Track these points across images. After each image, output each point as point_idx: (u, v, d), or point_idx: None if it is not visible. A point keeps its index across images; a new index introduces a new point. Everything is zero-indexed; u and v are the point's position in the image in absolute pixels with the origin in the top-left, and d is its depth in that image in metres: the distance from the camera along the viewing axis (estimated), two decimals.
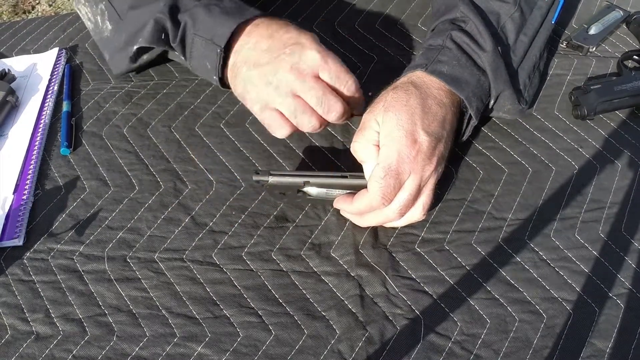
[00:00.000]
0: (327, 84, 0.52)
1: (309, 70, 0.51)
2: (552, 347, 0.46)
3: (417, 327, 0.47)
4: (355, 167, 0.52)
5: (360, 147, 0.50)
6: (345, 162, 0.58)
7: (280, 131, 0.53)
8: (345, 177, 0.52)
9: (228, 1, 0.58)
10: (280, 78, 0.51)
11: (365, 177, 0.50)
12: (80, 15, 0.67)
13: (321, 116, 0.52)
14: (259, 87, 0.53)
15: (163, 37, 0.58)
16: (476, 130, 0.59)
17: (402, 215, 0.50)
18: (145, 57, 0.63)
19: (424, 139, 0.48)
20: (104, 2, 0.62)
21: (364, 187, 0.49)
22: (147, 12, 0.58)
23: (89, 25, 0.66)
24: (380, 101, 0.50)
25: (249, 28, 0.56)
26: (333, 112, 0.51)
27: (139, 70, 0.67)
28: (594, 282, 0.49)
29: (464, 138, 0.56)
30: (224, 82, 0.59)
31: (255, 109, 0.54)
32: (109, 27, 0.62)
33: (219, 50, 0.55)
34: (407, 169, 0.47)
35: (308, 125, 0.52)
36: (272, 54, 0.52)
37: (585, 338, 0.46)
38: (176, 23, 0.57)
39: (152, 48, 0.62)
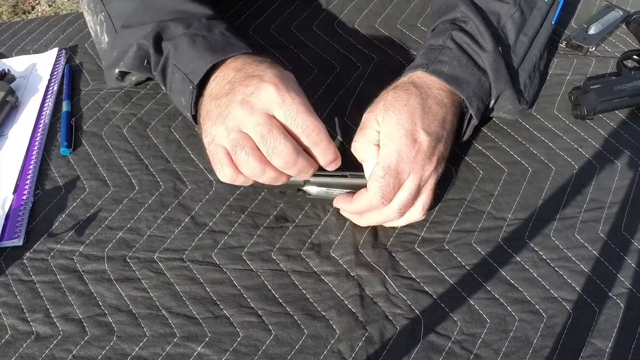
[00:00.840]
0: (282, 125, 0.46)
1: (260, 106, 0.45)
2: (552, 347, 0.46)
3: (417, 326, 0.47)
4: (355, 167, 0.52)
5: (360, 147, 0.50)
6: (345, 162, 0.58)
7: (221, 172, 0.48)
8: (345, 176, 0.52)
9: (219, 33, 0.55)
10: (230, 111, 0.46)
11: (365, 176, 0.50)
12: (86, 21, 0.66)
13: (264, 158, 0.46)
14: (212, 119, 0.48)
15: (145, 63, 0.55)
16: (476, 130, 0.59)
17: (402, 215, 0.50)
18: (133, 79, 0.62)
19: (424, 139, 0.48)
20: (103, 13, 0.59)
21: (364, 186, 0.49)
22: (135, 34, 0.55)
23: (91, 32, 0.64)
24: (380, 100, 0.50)
25: (226, 62, 0.52)
26: (277, 155, 0.45)
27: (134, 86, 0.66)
28: (593, 281, 0.49)
29: (464, 138, 0.56)
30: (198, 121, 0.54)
31: (205, 141, 0.49)
32: (106, 39, 0.60)
33: (191, 87, 0.52)
34: (407, 168, 0.47)
35: (245, 164, 0.46)
36: (232, 86, 0.48)
37: (585, 338, 0.46)
38: (159, 51, 0.55)
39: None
